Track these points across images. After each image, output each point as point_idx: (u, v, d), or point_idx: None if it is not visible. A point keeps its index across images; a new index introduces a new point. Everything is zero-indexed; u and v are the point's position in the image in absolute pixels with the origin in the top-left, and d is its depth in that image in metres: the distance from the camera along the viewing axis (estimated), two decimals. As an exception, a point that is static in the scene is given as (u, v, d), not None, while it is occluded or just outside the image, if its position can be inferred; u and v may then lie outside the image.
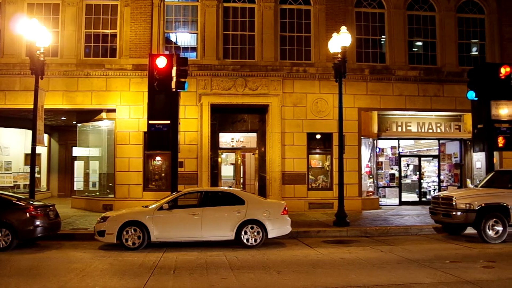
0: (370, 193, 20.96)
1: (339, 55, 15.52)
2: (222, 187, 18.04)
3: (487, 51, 21.63)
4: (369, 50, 20.68)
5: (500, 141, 16.27)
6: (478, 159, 21.09)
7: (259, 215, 12.28)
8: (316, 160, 20.13)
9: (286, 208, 12.74)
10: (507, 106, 16.76)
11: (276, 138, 19.33)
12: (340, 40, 15.52)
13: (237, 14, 19.87)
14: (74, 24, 19.14)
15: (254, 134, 20.40)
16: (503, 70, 16.17)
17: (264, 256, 10.97)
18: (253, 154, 20.69)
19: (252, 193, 17.35)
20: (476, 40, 21.81)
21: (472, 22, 21.69)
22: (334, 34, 15.87)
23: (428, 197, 21.28)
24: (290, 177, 19.39)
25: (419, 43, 21.41)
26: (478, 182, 17.55)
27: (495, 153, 17.95)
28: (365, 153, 20.98)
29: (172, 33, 19.89)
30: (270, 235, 12.29)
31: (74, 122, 21.52)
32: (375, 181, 21.78)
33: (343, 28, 15.69)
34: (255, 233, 12.17)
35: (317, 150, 20.07)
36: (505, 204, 12.87)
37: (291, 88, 19.62)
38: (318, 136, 19.87)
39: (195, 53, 19.58)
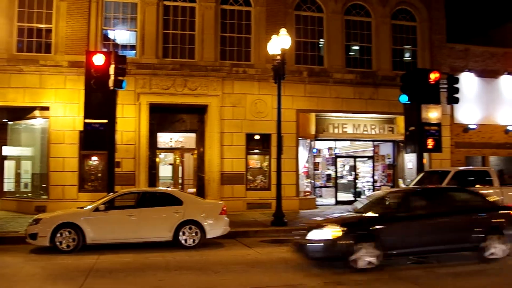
0: (307, 193, 21.37)
1: (279, 57, 15.72)
2: (160, 188, 17.84)
3: (418, 57, 22.60)
4: (308, 52, 21.11)
5: (430, 143, 17.04)
6: (409, 160, 21.94)
7: (197, 215, 12.25)
8: (255, 160, 20.30)
9: (225, 209, 12.79)
10: (436, 110, 17.61)
11: (215, 139, 19.34)
12: (280, 42, 15.73)
13: (177, 13, 19.72)
14: (5, 17, 18.28)
15: (193, 134, 20.32)
16: (433, 76, 16.93)
17: (202, 256, 10.96)
18: (192, 154, 20.59)
19: (191, 193, 17.25)
20: (409, 46, 22.75)
21: (405, 29, 22.61)
22: (274, 36, 16.06)
23: (362, 196, 21.90)
24: (228, 177, 19.45)
25: (356, 48, 22.07)
26: (409, 181, 18.31)
27: (425, 154, 18.70)
28: (303, 153, 21.38)
29: (110, 30, 19.45)
30: (208, 236, 12.29)
31: (5, 120, 20.56)
32: (312, 181, 22.24)
33: (283, 31, 15.91)
34: (193, 234, 12.13)
35: (256, 151, 20.25)
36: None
37: (230, 88, 19.69)
38: (257, 137, 20.05)
39: (134, 51, 19.25)
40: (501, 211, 10.71)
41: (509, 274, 9.50)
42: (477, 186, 14.53)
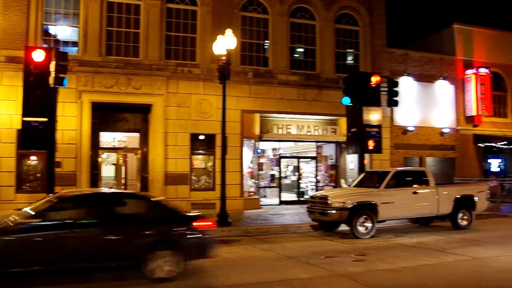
0: (252, 193, 21.52)
1: (224, 58, 15.72)
2: (102, 188, 17.41)
3: (360, 60, 23.24)
4: (253, 54, 21.26)
5: (371, 144, 17.57)
6: (351, 160, 22.50)
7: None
8: (199, 160, 20.24)
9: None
10: (376, 112, 18.17)
11: (159, 138, 19.14)
12: (225, 43, 15.75)
13: (122, 10, 19.35)
14: None
15: (137, 134, 20.00)
16: (374, 79, 17.48)
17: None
18: (136, 154, 20.27)
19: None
20: (352, 50, 23.36)
21: (348, 33, 23.21)
22: (220, 36, 16.05)
23: (306, 196, 22.22)
24: (173, 177, 19.29)
25: (301, 50, 22.44)
26: (351, 182, 18.79)
27: (366, 155, 19.23)
28: (247, 154, 21.50)
29: (51, 25, 18.78)
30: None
31: None
32: (257, 181, 22.42)
33: (229, 31, 15.94)
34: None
35: (200, 151, 20.18)
36: (373, 202, 13.93)
37: (175, 88, 19.54)
38: (201, 137, 19.99)
39: (77, 48, 18.71)
40: (181, 222, 8.83)
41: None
42: (414, 185, 15.09)
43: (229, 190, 17.44)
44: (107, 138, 19.99)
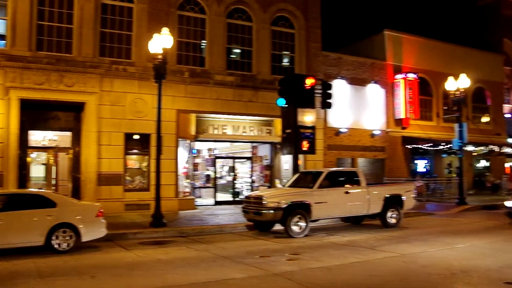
0: (187, 194, 21.39)
1: (160, 56, 15.51)
2: (31, 189, 16.73)
3: (296, 63, 23.67)
4: (189, 53, 21.16)
5: (305, 145, 17.94)
6: (286, 161, 22.85)
7: (71, 218, 11.70)
8: (134, 161, 19.90)
9: (101, 210, 12.36)
10: (311, 114, 18.60)
11: (93, 138, 18.64)
12: (162, 41, 15.56)
13: (54, 4, 18.65)
14: None
15: (69, 133, 19.36)
16: (308, 81, 17.84)
17: (77, 261, 10.52)
18: (67, 154, 19.61)
19: (65, 195, 16.42)
20: (288, 52, 23.74)
21: (285, 35, 23.58)
22: (156, 35, 15.82)
23: (241, 196, 22.33)
24: (106, 178, 18.84)
25: (237, 51, 22.55)
26: (285, 182, 19.08)
27: (300, 156, 19.61)
28: (183, 154, 21.36)
29: (-25, 17, 17.87)
30: (84, 239, 11.80)
31: None
32: (192, 181, 22.30)
33: (165, 30, 15.76)
34: (68, 238, 11.56)
35: (135, 151, 19.85)
36: (307, 202, 14.23)
37: (110, 86, 19.09)
38: (136, 137, 19.66)
39: (4, 41, 17.85)
40: None
41: None
42: (346, 185, 15.55)
43: (164, 190, 17.27)
44: (37, 137, 19.23)
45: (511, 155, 35.16)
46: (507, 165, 35.33)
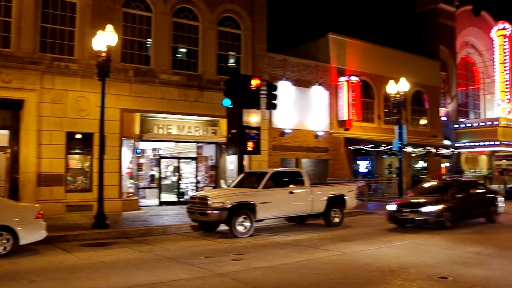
0: (131, 194, 21.01)
1: (104, 54, 15.18)
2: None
3: (242, 63, 23.76)
4: (134, 51, 20.80)
5: (250, 145, 18.01)
6: (231, 161, 22.90)
7: (9, 220, 11.21)
8: (76, 160, 19.34)
9: (41, 212, 11.92)
10: (256, 114, 18.69)
11: (32, 137, 17.96)
12: (106, 39, 15.23)
13: (-11, -4, 17.87)
14: None
15: (6, 131, 18.52)
16: (254, 82, 17.93)
17: (15, 265, 10.11)
18: (5, 153, 18.78)
19: (2, 196, 15.78)
20: (234, 53, 23.79)
21: (231, 36, 23.61)
22: (100, 32, 15.47)
23: (186, 197, 22.13)
24: (46, 178, 18.20)
25: (183, 50, 22.38)
26: (230, 182, 19.11)
27: (246, 156, 19.69)
28: (126, 154, 20.98)
29: None
30: (22, 242, 11.34)
31: None
32: (136, 182, 21.94)
33: (109, 27, 15.43)
34: (4, 241, 11.04)
35: (77, 150, 19.30)
36: (252, 202, 14.32)
37: (51, 83, 18.47)
38: (78, 136, 19.12)
39: None
40: None
41: None
42: (291, 186, 15.76)
43: (107, 191, 16.91)
44: (-29, 135, 18.36)
45: (446, 156, 36.77)
46: (443, 165, 36.89)
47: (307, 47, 29.51)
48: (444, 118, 37.78)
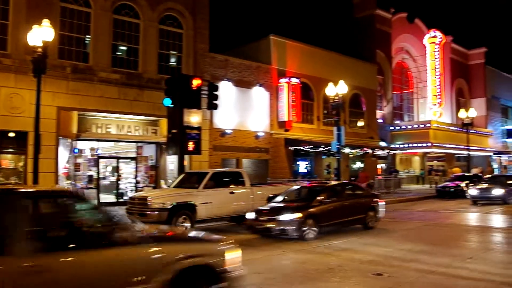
0: (67, 195, 20.38)
1: (40, 49, 14.64)
2: None
3: (183, 63, 23.64)
4: (73, 48, 20.25)
5: (190, 145, 17.97)
6: (171, 161, 22.72)
7: None
8: (9, 160, 18.60)
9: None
10: (197, 114, 18.69)
11: (-40, 134, 17.15)
12: (42, 34, 14.71)
13: None
14: None
15: None
16: (195, 82, 17.88)
17: None
18: None
19: None
20: (175, 52, 23.64)
21: (173, 35, 23.45)
22: (36, 26, 14.92)
23: (125, 198, 21.77)
24: (-24, 178, 17.43)
25: (124, 48, 22.00)
26: (171, 182, 18.99)
27: (186, 156, 19.63)
28: (63, 154, 20.40)
29: None
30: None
31: None
32: (73, 182, 21.34)
33: (46, 21, 14.92)
34: None
35: (10, 150, 18.56)
36: (192, 202, 14.32)
37: (-19, 79, 17.69)
38: (11, 134, 18.37)
39: None
40: None
41: None
42: (231, 186, 15.87)
43: (42, 191, 16.31)
44: None
45: (382, 157, 38.08)
46: (379, 166, 38.17)
47: (249, 48, 29.72)
48: (380, 120, 39.12)
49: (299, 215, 12.92)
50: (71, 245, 5.13)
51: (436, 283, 8.27)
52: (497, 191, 23.18)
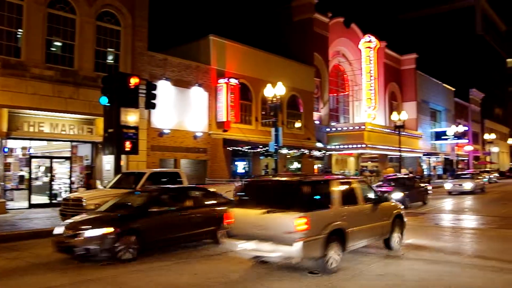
0: (-4, 196, 19.57)
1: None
2: None
3: (121, 61, 23.20)
4: (3, 42, 19.38)
5: (127, 145, 17.69)
6: (108, 161, 22.24)
7: None
8: None
9: None
10: (134, 114, 18.52)
11: None
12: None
13: None
14: None
15: None
16: (133, 81, 17.58)
17: None
18: None
19: None
20: (113, 49, 23.16)
21: (110, 32, 22.94)
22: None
23: (59, 199, 21.12)
24: None
25: (59, 44, 21.31)
26: (107, 183, 18.63)
27: (123, 156, 19.29)
28: (-8, 152, 19.51)
29: None
30: None
31: None
32: (2, 183, 20.44)
33: (-27, 15, 14.31)
34: None
35: None
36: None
37: None
38: None
39: None
40: None
41: None
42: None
43: (-32, 192, 15.63)
44: None
45: (319, 158, 38.96)
46: (315, 166, 39.01)
47: (189, 48, 29.55)
48: (317, 122, 39.99)
49: (110, 230, 10.12)
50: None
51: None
52: (396, 195, 21.23)
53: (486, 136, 69.88)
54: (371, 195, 11.04)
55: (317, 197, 9.43)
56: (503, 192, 35.25)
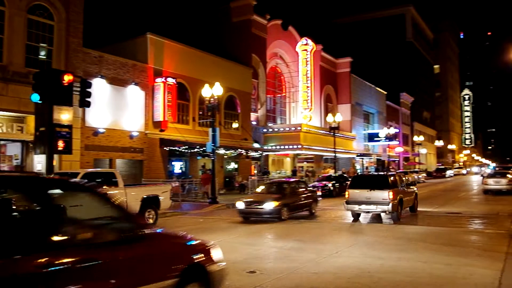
0: None
1: None
2: None
3: (54, 57, 22.42)
4: None
5: (60, 144, 17.08)
6: (39, 161, 21.43)
7: None
8: None
9: None
10: (68, 112, 17.97)
11: None
12: None
13: None
14: None
15: None
16: (66, 78, 16.99)
17: None
18: None
19: None
20: (46, 45, 22.33)
21: (43, 26, 22.12)
22: None
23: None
24: None
25: (-15, 37, 20.33)
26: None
27: (56, 156, 18.67)
28: None
29: None
30: None
31: None
32: None
33: None
34: None
35: None
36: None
37: None
38: None
39: None
40: None
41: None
42: (104, 187, 15.43)
43: None
44: None
45: (256, 158, 39.32)
46: (253, 167, 39.35)
47: (125, 46, 29.00)
48: (254, 123, 40.34)
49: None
50: None
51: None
52: (268, 205, 17.26)
53: (415, 138, 73.22)
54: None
55: (393, 183, 17.49)
56: (431, 191, 36.92)
